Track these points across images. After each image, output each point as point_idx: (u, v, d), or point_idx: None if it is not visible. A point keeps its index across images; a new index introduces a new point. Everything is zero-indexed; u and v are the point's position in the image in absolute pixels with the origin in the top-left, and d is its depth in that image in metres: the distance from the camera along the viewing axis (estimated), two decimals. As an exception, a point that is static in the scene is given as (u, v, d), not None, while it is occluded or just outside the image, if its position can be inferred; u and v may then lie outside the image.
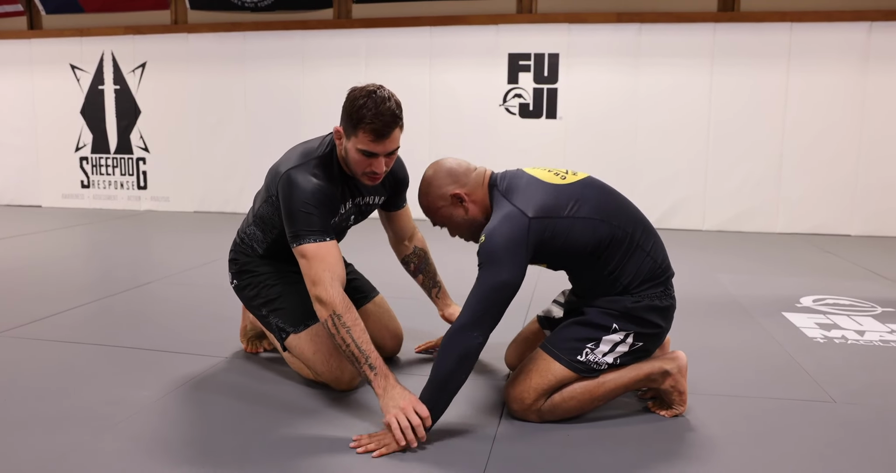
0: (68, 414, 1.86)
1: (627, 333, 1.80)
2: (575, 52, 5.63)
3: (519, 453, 1.68)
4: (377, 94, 1.78)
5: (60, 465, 1.58)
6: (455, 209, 1.87)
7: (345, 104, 1.83)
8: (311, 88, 6.10)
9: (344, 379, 2.02)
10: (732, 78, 5.42)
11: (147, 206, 6.64)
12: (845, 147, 5.35)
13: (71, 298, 3.16)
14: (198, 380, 2.14)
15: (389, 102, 1.79)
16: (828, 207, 5.44)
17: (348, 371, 2.01)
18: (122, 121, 6.56)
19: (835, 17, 5.25)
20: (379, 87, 1.81)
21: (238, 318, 2.82)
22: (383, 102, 1.78)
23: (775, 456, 1.68)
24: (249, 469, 1.58)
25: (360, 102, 1.78)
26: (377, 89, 1.80)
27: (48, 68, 6.62)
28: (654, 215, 5.62)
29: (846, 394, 2.08)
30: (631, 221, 1.83)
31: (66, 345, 2.48)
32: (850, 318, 2.96)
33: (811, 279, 3.73)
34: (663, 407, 1.91)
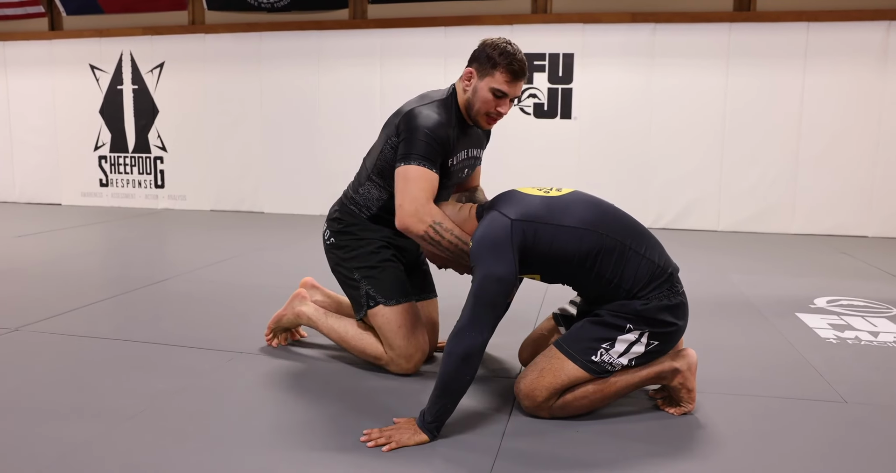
0: (85, 406, 1.90)
1: (642, 332, 1.80)
2: (589, 52, 5.62)
3: (528, 449, 1.69)
4: (513, 44, 1.99)
5: (78, 456, 1.62)
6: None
7: (481, 48, 2.00)
8: (326, 88, 6.15)
9: (415, 359, 2.13)
10: (748, 78, 5.39)
11: (164, 204, 6.72)
12: (862, 147, 5.30)
13: (89, 294, 3.21)
14: (212, 374, 2.18)
15: (522, 54, 2.00)
16: (844, 208, 5.39)
17: (420, 353, 2.13)
18: (140, 120, 6.65)
19: (853, 16, 5.20)
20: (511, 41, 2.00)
21: (253, 315, 2.85)
22: (520, 51, 1.99)
23: (784, 455, 1.68)
24: (261, 462, 1.61)
25: (502, 46, 1.96)
26: (511, 41, 1.99)
27: (68, 69, 6.73)
28: (668, 216, 5.60)
29: (857, 394, 2.07)
30: (620, 228, 1.84)
31: (84, 339, 2.53)
32: (864, 319, 2.94)
33: (826, 280, 3.71)
34: (672, 405, 1.92)
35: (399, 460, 1.61)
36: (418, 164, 1.94)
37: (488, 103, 2.00)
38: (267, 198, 6.43)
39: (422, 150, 1.95)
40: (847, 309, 3.10)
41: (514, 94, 2.01)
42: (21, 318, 2.78)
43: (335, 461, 1.62)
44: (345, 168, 6.11)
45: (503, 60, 1.95)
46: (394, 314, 2.12)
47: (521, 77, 1.98)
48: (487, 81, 1.98)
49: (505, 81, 1.97)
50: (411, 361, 2.13)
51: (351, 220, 2.22)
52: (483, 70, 1.99)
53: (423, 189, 1.93)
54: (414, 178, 1.93)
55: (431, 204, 1.93)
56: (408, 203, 1.92)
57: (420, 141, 1.95)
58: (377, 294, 2.14)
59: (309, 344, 2.50)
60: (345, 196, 2.27)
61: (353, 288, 2.19)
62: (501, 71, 1.96)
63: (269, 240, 4.91)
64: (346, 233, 2.22)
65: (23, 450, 1.64)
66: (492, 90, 1.98)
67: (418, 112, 2.00)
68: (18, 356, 2.34)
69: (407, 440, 1.69)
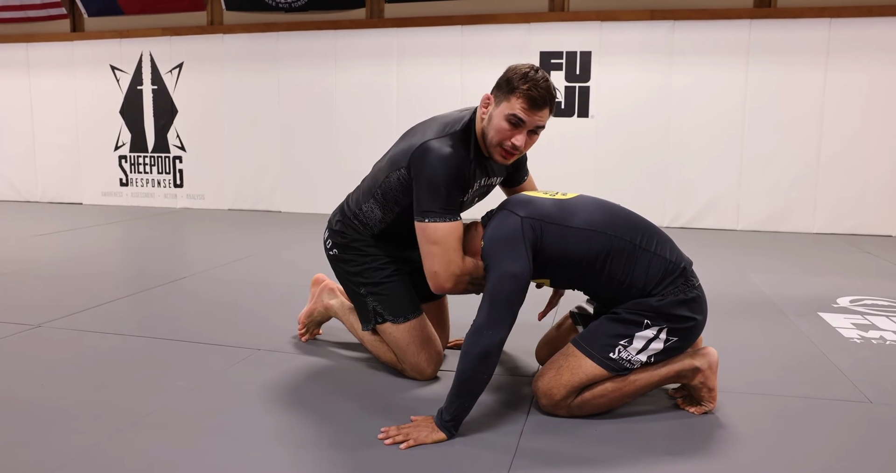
0: (104, 403, 1.92)
1: (661, 328, 1.78)
2: (607, 50, 5.58)
3: (546, 447, 1.68)
4: (540, 71, 1.82)
5: (97, 452, 1.63)
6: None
7: (504, 73, 1.84)
8: (343, 87, 6.16)
9: (427, 373, 2.10)
10: (768, 75, 5.32)
11: (183, 203, 6.77)
12: (886, 145, 5.21)
13: (108, 291, 3.24)
14: (229, 372, 2.19)
15: (549, 82, 1.82)
16: (867, 206, 5.30)
17: (433, 366, 2.10)
18: (159, 120, 6.70)
19: (875, 12, 5.12)
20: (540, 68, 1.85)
21: (270, 313, 2.87)
22: (545, 79, 1.81)
23: (806, 455, 1.65)
24: (279, 459, 1.61)
25: (523, 71, 1.80)
26: (540, 69, 1.83)
27: (89, 69, 6.80)
28: (686, 215, 5.55)
29: (883, 394, 2.03)
30: (629, 228, 1.82)
31: (103, 336, 2.55)
32: (888, 319, 2.88)
33: (849, 280, 3.65)
34: (692, 404, 1.89)
35: (416, 458, 1.61)
36: (443, 220, 1.83)
37: (502, 133, 1.83)
38: (284, 197, 6.46)
39: (442, 202, 1.83)
40: (871, 309, 3.05)
41: (532, 123, 1.82)
42: (42, 315, 2.81)
43: (352, 458, 1.61)
44: (361, 168, 6.08)
45: (522, 84, 1.77)
46: (401, 332, 2.09)
47: (541, 105, 1.79)
48: (503, 107, 1.81)
49: (521, 108, 1.78)
50: (424, 374, 2.11)
51: (355, 235, 2.15)
52: (501, 95, 1.83)
53: (454, 249, 1.84)
54: (442, 239, 1.83)
55: (463, 263, 1.86)
56: (444, 268, 1.84)
57: (440, 193, 1.83)
58: (385, 311, 2.10)
59: (325, 342, 2.51)
60: (348, 208, 2.18)
61: (360, 302, 2.17)
62: (518, 96, 1.78)
63: (286, 239, 4.93)
64: (350, 248, 2.16)
65: (42, 446, 1.65)
66: (507, 117, 1.80)
67: (431, 152, 1.85)
68: (39, 353, 2.36)
69: (424, 438, 1.68)
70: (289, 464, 1.58)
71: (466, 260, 1.88)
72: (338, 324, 2.64)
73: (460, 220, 1.89)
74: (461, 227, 1.89)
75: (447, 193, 1.84)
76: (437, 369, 2.13)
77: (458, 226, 1.87)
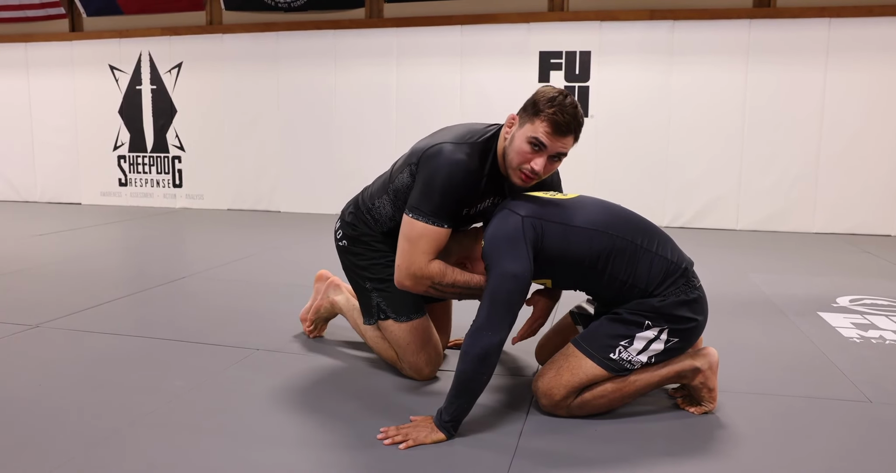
0: (103, 403, 1.91)
1: (661, 329, 1.78)
2: (607, 49, 5.58)
3: (546, 447, 1.67)
4: (569, 97, 1.78)
5: (97, 451, 1.63)
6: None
7: (532, 96, 1.81)
8: (342, 87, 6.16)
9: (425, 373, 2.10)
10: (768, 75, 5.32)
11: (182, 204, 6.77)
12: (885, 145, 5.21)
13: (107, 291, 3.24)
14: (228, 372, 2.18)
15: (578, 108, 1.78)
16: (867, 206, 5.30)
17: (431, 366, 2.10)
18: (158, 120, 6.70)
19: (875, 12, 5.12)
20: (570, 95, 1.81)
21: (270, 313, 2.86)
22: (573, 105, 1.77)
23: (807, 455, 1.65)
24: (278, 459, 1.60)
25: (552, 95, 1.76)
26: (570, 95, 1.79)
27: (89, 69, 6.80)
28: (686, 214, 5.55)
29: (883, 394, 2.03)
30: (630, 228, 1.82)
31: (102, 336, 2.54)
32: (888, 318, 2.88)
33: (848, 280, 3.64)
34: (692, 404, 1.89)
35: (416, 458, 1.60)
36: (426, 221, 1.82)
37: (522, 155, 1.77)
38: (283, 197, 6.45)
39: (434, 205, 1.81)
40: (871, 308, 3.05)
41: (554, 148, 1.76)
42: (40, 315, 2.81)
43: (352, 458, 1.61)
44: (361, 167, 6.15)
45: (548, 108, 1.73)
46: (403, 331, 2.09)
47: (565, 131, 1.75)
48: (527, 129, 1.76)
49: (545, 131, 1.74)
50: (421, 374, 2.11)
51: (365, 229, 2.14)
52: (526, 117, 1.78)
53: (424, 251, 1.83)
54: (416, 237, 1.82)
55: (429, 265, 1.83)
56: (405, 266, 1.85)
57: (434, 194, 1.81)
58: (388, 308, 2.10)
59: (325, 342, 2.50)
60: (362, 201, 2.17)
61: (365, 296, 2.16)
62: (543, 119, 1.74)
63: (286, 239, 4.92)
64: (360, 241, 2.15)
65: (41, 446, 1.65)
66: (529, 140, 1.76)
67: (442, 154, 1.82)
68: (38, 353, 2.36)
69: (424, 438, 1.68)
70: (288, 464, 1.57)
71: (432, 266, 1.84)
72: (337, 323, 2.64)
73: (445, 227, 1.84)
74: (441, 234, 1.84)
75: (441, 198, 1.82)
76: (435, 370, 2.13)
77: (437, 232, 1.83)
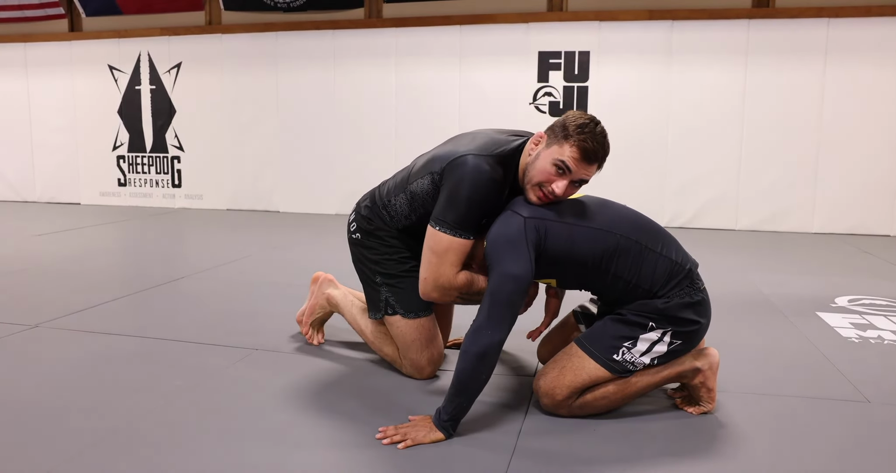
0: (102, 402, 1.91)
1: (665, 331, 1.78)
2: (606, 49, 5.58)
3: (545, 447, 1.67)
4: (600, 125, 1.79)
5: (95, 451, 1.63)
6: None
7: (562, 118, 1.82)
8: (342, 87, 6.16)
9: (426, 371, 2.11)
10: (767, 75, 5.33)
11: (181, 204, 6.77)
12: (884, 145, 5.22)
13: (106, 291, 3.24)
14: (227, 371, 2.18)
15: (607, 138, 1.80)
16: (866, 206, 5.30)
17: (433, 365, 2.12)
18: (157, 120, 6.70)
19: (874, 12, 5.12)
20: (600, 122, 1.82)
21: (268, 313, 2.86)
22: (604, 135, 1.79)
23: (805, 455, 1.65)
24: (277, 458, 1.60)
25: (584, 121, 1.77)
26: (600, 123, 1.80)
27: (88, 69, 6.80)
28: (685, 215, 5.55)
29: (881, 394, 2.03)
30: (635, 228, 1.82)
31: (100, 336, 2.54)
32: (886, 318, 2.89)
33: (847, 280, 3.65)
34: (691, 404, 1.89)
35: (414, 458, 1.60)
36: (453, 233, 1.83)
37: (546, 175, 1.77)
38: (283, 197, 6.45)
39: (460, 217, 1.82)
40: (869, 308, 3.05)
41: (578, 174, 1.77)
42: (39, 315, 2.81)
43: (350, 458, 1.61)
44: (360, 168, 6.16)
45: (578, 133, 1.74)
46: (410, 327, 2.09)
47: (592, 159, 1.76)
48: (554, 151, 1.77)
49: (572, 157, 1.74)
50: (423, 373, 2.11)
51: (380, 224, 2.13)
52: (554, 139, 1.79)
53: (451, 263, 1.86)
54: (443, 251, 1.85)
55: (456, 277, 1.87)
56: (433, 278, 1.88)
57: (461, 206, 1.82)
58: (397, 304, 2.10)
59: (324, 342, 2.50)
60: (378, 196, 2.14)
61: (374, 290, 2.16)
62: (572, 144, 1.74)
63: (285, 239, 4.92)
64: (374, 235, 2.14)
65: (40, 446, 1.65)
66: (555, 161, 1.76)
67: (469, 166, 1.82)
68: (36, 353, 2.36)
69: (422, 437, 1.68)
70: (286, 464, 1.57)
71: (460, 276, 1.88)
72: (336, 324, 2.64)
73: (471, 239, 1.86)
74: (467, 246, 1.86)
75: (467, 210, 1.83)
76: (436, 369, 2.13)
77: (464, 244, 1.85)
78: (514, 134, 1.97)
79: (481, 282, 1.90)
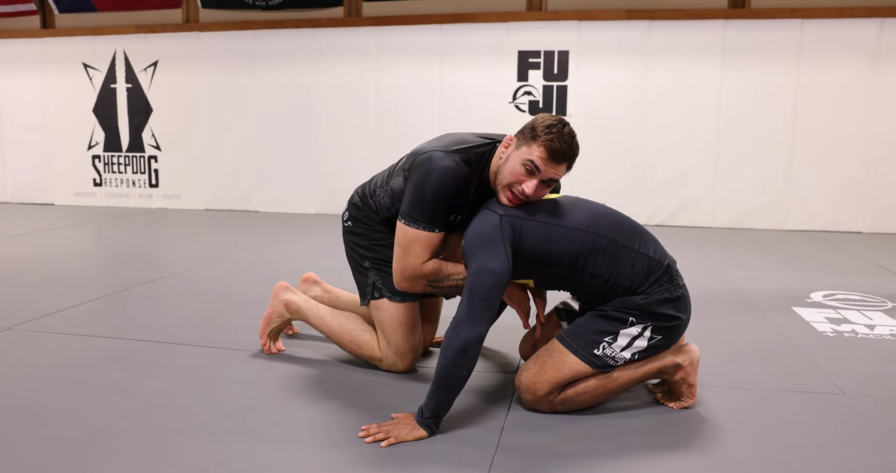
0: (80, 405, 1.89)
1: (645, 326, 1.80)
2: (585, 49, 5.62)
3: (528, 443, 1.68)
4: (568, 126, 1.82)
5: (73, 455, 1.60)
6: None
7: (531, 120, 1.85)
8: (321, 86, 6.13)
9: (407, 360, 2.12)
10: (743, 75, 5.40)
11: (158, 204, 6.69)
12: (856, 144, 5.32)
13: (83, 293, 3.19)
14: (207, 372, 2.16)
15: (575, 138, 1.83)
16: (839, 204, 5.41)
17: (413, 354, 2.12)
18: (133, 119, 6.61)
19: (846, 13, 5.22)
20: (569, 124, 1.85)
21: (248, 313, 2.83)
22: (572, 135, 1.82)
23: (784, 447, 1.67)
24: (259, 458, 1.59)
25: (552, 122, 1.81)
26: (569, 124, 1.83)
27: (61, 67, 6.69)
28: (663, 213, 5.61)
29: (856, 386, 2.08)
30: (611, 226, 1.84)
31: (77, 338, 2.51)
32: (860, 313, 2.94)
33: (821, 276, 3.71)
34: (672, 399, 1.91)
35: (398, 455, 1.60)
36: (417, 227, 1.89)
37: (515, 175, 1.81)
38: (262, 197, 6.41)
39: (425, 211, 1.87)
40: (843, 303, 3.11)
41: (547, 174, 1.80)
42: (13, 317, 2.76)
43: (333, 457, 1.60)
44: (340, 167, 6.13)
45: (545, 134, 1.78)
46: (396, 310, 2.10)
47: (559, 159, 1.79)
48: (523, 152, 1.81)
49: (540, 156, 1.78)
50: (405, 360, 2.12)
51: (368, 212, 2.18)
52: (523, 140, 1.83)
53: (416, 255, 1.91)
54: (408, 243, 1.91)
55: (424, 266, 1.92)
56: (400, 269, 1.94)
57: (424, 201, 1.87)
58: (384, 287, 2.12)
59: (304, 339, 2.49)
60: (368, 187, 2.20)
61: (362, 275, 2.18)
62: (540, 144, 1.78)
63: (265, 239, 4.89)
64: (362, 223, 2.20)
65: (19, 449, 1.62)
66: (523, 162, 1.79)
67: (435, 162, 1.86)
68: (11, 355, 2.31)
69: (405, 435, 1.68)
70: (269, 463, 1.56)
71: (427, 266, 1.92)
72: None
73: (436, 232, 1.90)
74: (433, 238, 1.91)
75: (430, 204, 1.88)
76: (416, 358, 2.15)
77: (429, 237, 1.90)
78: (487, 137, 2.00)
79: (449, 268, 1.94)
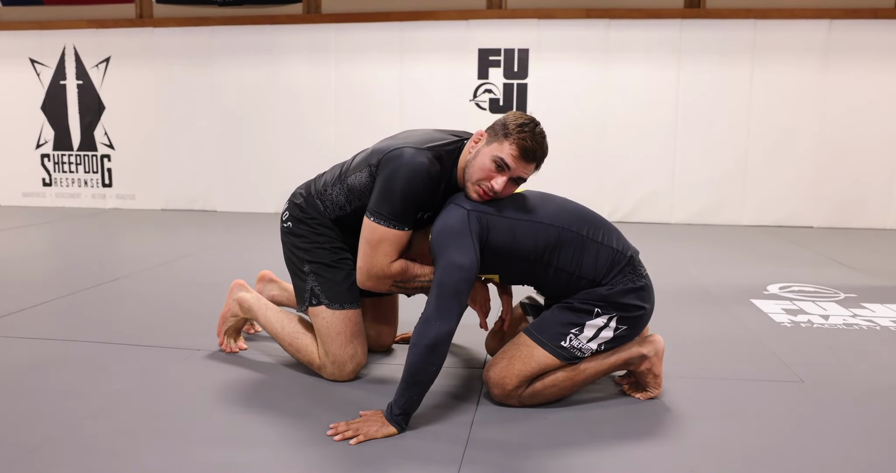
0: (38, 409, 1.81)
1: (611, 317, 1.81)
2: (545, 47, 5.66)
3: (498, 437, 1.68)
4: (539, 126, 1.82)
5: (29, 461, 1.54)
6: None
7: (503, 117, 1.84)
8: (280, 83, 6.04)
9: (347, 369, 2.03)
10: (699, 74, 5.52)
11: (112, 204, 6.50)
12: (808, 142, 5.49)
13: (33, 296, 3.07)
14: (168, 373, 2.11)
15: (545, 138, 1.83)
16: (792, 200, 5.57)
17: (354, 364, 2.03)
18: (85, 117, 6.41)
19: (797, 14, 5.37)
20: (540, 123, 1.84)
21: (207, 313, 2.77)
22: (543, 135, 1.82)
23: (747, 433, 1.71)
24: (225, 459, 1.55)
25: (524, 121, 1.80)
26: (540, 124, 1.83)
27: (6, 62, 6.44)
28: (622, 209, 5.69)
29: (813, 374, 2.14)
30: (575, 219, 1.85)
31: (30, 341, 2.41)
32: (815, 303, 3.03)
33: (777, 269, 3.81)
34: (638, 390, 1.93)
35: (367, 453, 1.58)
36: (386, 224, 1.83)
37: (484, 172, 1.79)
38: (220, 197, 6.28)
39: (394, 208, 1.82)
40: (799, 295, 3.20)
41: (517, 172, 1.80)
42: (-39, 321, 2.64)
43: (302, 455, 1.57)
44: (299, 166, 6.04)
45: (518, 132, 1.77)
46: (334, 318, 2.02)
47: (531, 158, 1.79)
48: (494, 148, 1.79)
49: (511, 154, 1.77)
50: (343, 370, 2.03)
51: (314, 213, 2.09)
52: (494, 137, 1.82)
53: (384, 253, 1.86)
54: (377, 241, 1.85)
55: (391, 266, 1.87)
56: (367, 268, 1.89)
57: (395, 198, 1.82)
58: (322, 294, 2.04)
59: (267, 339, 2.44)
60: (314, 187, 2.11)
61: (301, 279, 2.09)
62: (511, 142, 1.77)
63: (223, 239, 4.79)
64: (305, 223, 2.10)
65: (-33, 456, 1.55)
66: (494, 158, 1.78)
67: (405, 159, 1.82)
68: (-41, 360, 2.21)
69: (375, 432, 1.66)
70: (236, 464, 1.52)
71: (394, 265, 1.87)
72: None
73: (405, 230, 1.86)
74: (402, 236, 1.86)
75: (401, 202, 1.82)
76: (357, 369, 2.05)
77: (398, 235, 1.85)
78: (454, 134, 1.98)
79: (416, 269, 1.90)
